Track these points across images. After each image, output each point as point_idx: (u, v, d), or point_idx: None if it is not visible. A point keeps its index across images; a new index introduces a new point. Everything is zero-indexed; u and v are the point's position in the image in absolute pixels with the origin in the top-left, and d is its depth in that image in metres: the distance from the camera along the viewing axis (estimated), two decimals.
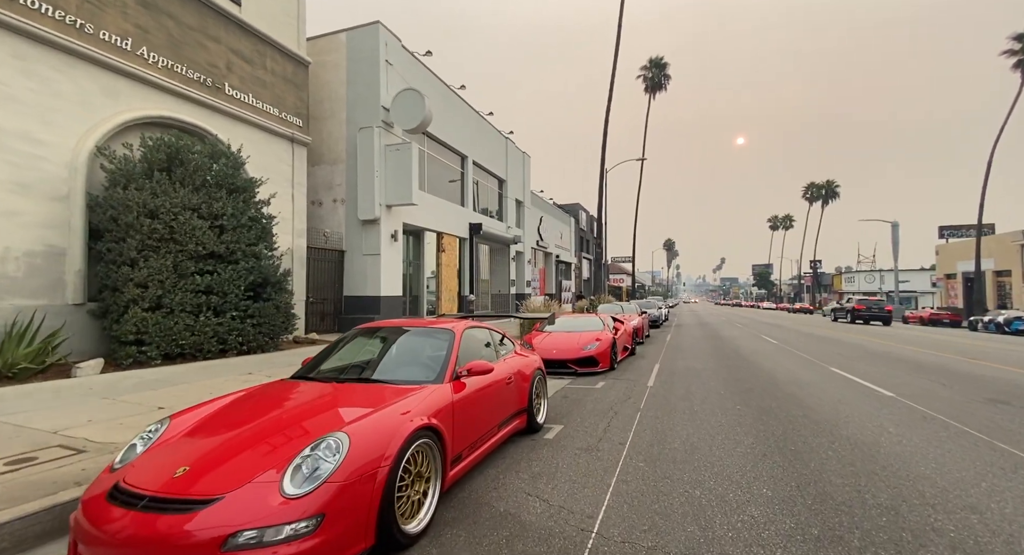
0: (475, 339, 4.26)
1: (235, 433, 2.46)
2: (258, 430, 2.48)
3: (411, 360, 3.67)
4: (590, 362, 8.63)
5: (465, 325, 4.09)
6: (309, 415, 2.64)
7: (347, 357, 3.83)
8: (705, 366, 9.34)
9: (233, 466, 2.17)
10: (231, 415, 2.75)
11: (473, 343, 4.14)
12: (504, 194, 23.70)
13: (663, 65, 44.64)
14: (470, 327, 4.20)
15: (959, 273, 39.40)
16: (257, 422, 2.59)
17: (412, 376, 3.39)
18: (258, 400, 2.99)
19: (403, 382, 3.26)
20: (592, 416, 5.45)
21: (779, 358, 10.51)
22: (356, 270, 13.46)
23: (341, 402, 2.85)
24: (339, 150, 13.68)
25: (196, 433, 2.54)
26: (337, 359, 3.79)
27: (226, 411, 2.82)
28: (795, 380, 7.60)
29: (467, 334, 4.05)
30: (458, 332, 3.86)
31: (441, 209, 16.96)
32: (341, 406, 2.77)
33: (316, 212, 13.90)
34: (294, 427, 2.49)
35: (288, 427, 2.50)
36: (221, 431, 2.53)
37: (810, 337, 16.45)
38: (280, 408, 2.82)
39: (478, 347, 4.24)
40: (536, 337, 9.42)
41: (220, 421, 2.66)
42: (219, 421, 2.67)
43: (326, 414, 2.63)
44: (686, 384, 7.39)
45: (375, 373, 3.51)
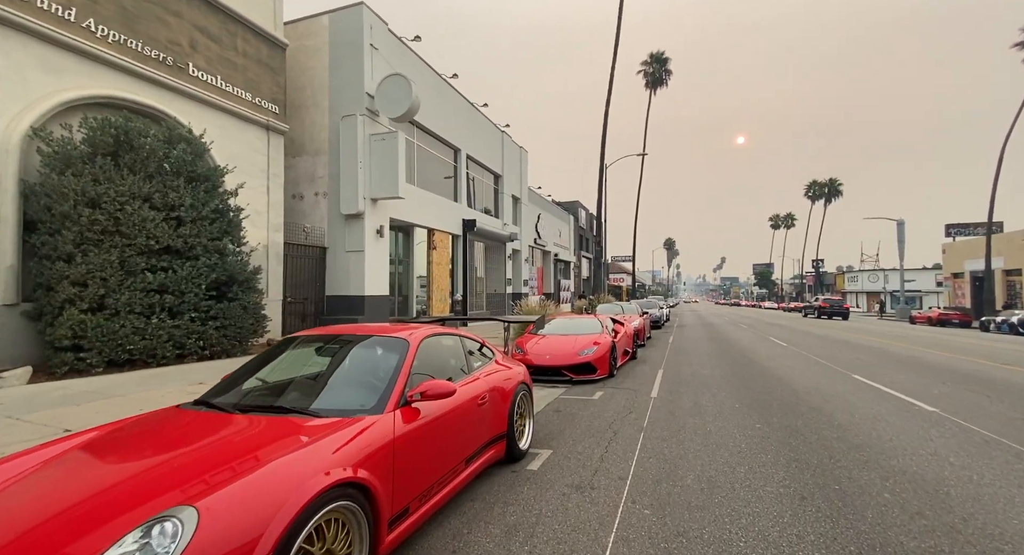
0: (439, 350, 3.44)
1: (37, 506, 1.63)
2: (77, 499, 1.65)
3: (347, 381, 2.84)
4: (587, 369, 7.80)
5: (425, 333, 3.26)
6: (165, 472, 1.81)
7: (271, 375, 3.00)
8: (713, 372, 8.51)
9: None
10: (59, 470, 1.92)
11: (436, 356, 3.32)
12: (500, 190, 22.87)
13: (664, 60, 43.77)
14: (433, 335, 3.37)
15: (967, 272, 38.52)
16: (85, 483, 1.76)
17: (343, 403, 2.56)
18: (111, 443, 2.17)
19: (329, 413, 2.43)
20: (587, 437, 4.62)
21: (793, 363, 9.68)
22: (339, 268, 12.64)
23: (223, 448, 2.02)
24: (321, 140, 12.85)
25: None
26: (257, 378, 2.96)
27: (58, 463, 1.99)
28: (817, 390, 6.77)
29: (428, 345, 3.22)
30: (414, 343, 3.02)
31: (432, 204, 16.13)
32: (218, 456, 1.93)
33: (297, 206, 13.07)
34: (130, 495, 1.66)
35: (121, 495, 1.67)
36: (22, 501, 1.69)
37: (823, 339, 15.62)
38: (132, 459, 2.00)
39: (443, 360, 3.42)
40: (529, 341, 8.60)
41: (34, 483, 1.83)
42: (32, 484, 1.83)
43: (186, 471, 1.79)
44: (694, 395, 6.56)
45: (294, 400, 2.68)
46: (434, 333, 3.40)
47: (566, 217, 37.03)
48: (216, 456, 1.91)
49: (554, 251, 32.17)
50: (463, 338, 3.86)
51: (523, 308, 13.75)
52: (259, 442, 2.06)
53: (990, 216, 31.99)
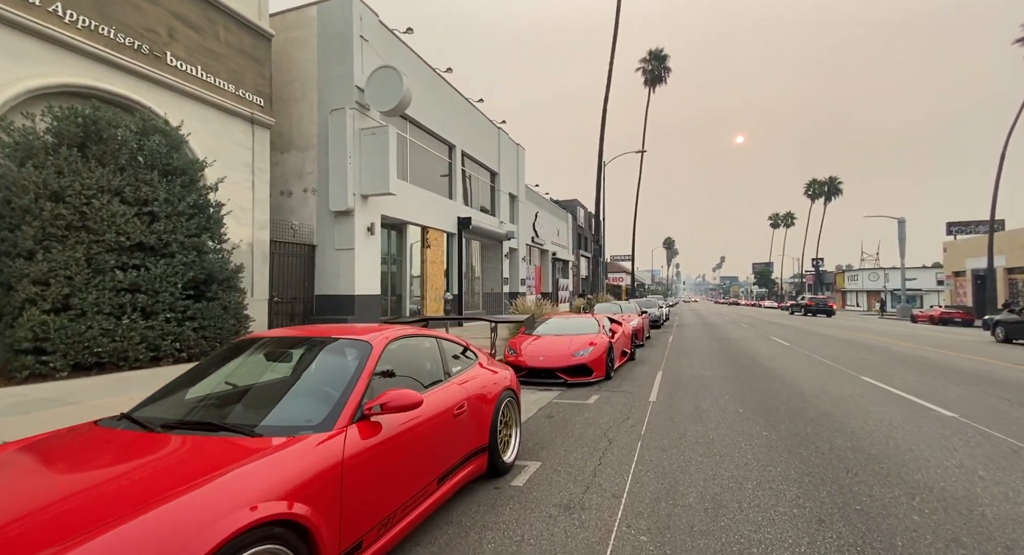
0: (412, 354, 3.07)
1: None
2: None
3: (296, 391, 2.46)
4: (582, 371, 7.44)
5: (393, 335, 2.88)
6: (36, 521, 1.43)
7: (214, 383, 2.62)
8: (714, 374, 8.15)
9: None
10: None
11: (407, 360, 2.95)
12: (496, 187, 22.50)
13: (663, 57, 43.43)
14: (404, 337, 3.00)
15: (968, 270, 38.22)
16: None
17: (287, 419, 2.19)
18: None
19: (269, 431, 2.06)
20: (580, 446, 4.26)
21: (797, 363, 9.32)
22: (328, 267, 12.26)
23: (126, 481, 1.64)
24: (310, 135, 12.47)
25: None
26: (199, 386, 2.58)
27: None
28: (825, 393, 6.41)
29: (397, 348, 2.86)
30: (378, 346, 2.65)
31: (426, 201, 15.75)
32: (117, 492, 1.56)
33: (285, 203, 12.69)
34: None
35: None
36: None
37: (825, 339, 15.27)
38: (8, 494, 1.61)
39: (416, 365, 3.06)
40: (523, 341, 8.24)
41: None
42: None
43: (65, 518, 1.41)
44: (695, 398, 6.19)
45: (231, 415, 2.30)
46: (405, 335, 3.03)
47: (564, 216, 36.66)
48: (114, 493, 1.53)
49: (552, 250, 31.81)
50: (442, 340, 3.49)
51: (518, 308, 13.39)
52: (174, 471, 1.69)
53: (992, 214, 31.69)
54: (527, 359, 7.55)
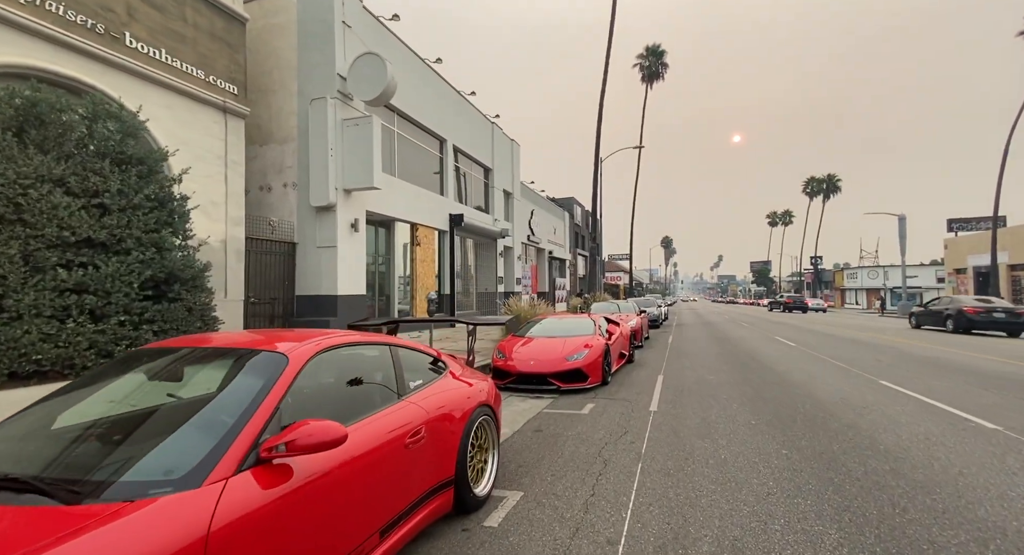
0: (350, 370, 2.45)
1: None
2: None
3: (168, 427, 1.83)
4: (576, 376, 6.82)
5: (322, 345, 2.24)
6: None
7: (72, 412, 1.98)
8: (720, 378, 7.54)
9: None
10: None
11: (343, 378, 2.33)
12: (490, 184, 21.87)
13: (660, 53, 42.93)
14: (340, 346, 2.36)
15: (970, 267, 37.81)
16: None
17: (141, 470, 1.55)
18: None
19: (111, 491, 1.42)
20: (570, 470, 3.64)
21: (808, 366, 8.72)
22: (310, 265, 11.61)
23: None
24: (290, 127, 11.82)
25: None
26: (52, 417, 1.94)
27: None
28: (845, 401, 5.80)
29: (326, 362, 2.22)
30: (296, 361, 2.02)
31: (416, 198, 15.11)
32: None
33: (265, 198, 12.04)
34: None
35: None
36: None
37: (832, 339, 14.68)
38: None
39: (357, 383, 2.42)
40: (512, 344, 7.62)
41: None
42: None
43: None
44: (701, 408, 5.58)
45: (64, 466, 1.65)
46: (343, 343, 2.39)
47: (561, 214, 36.06)
48: None
49: (548, 248, 31.20)
50: (399, 348, 2.86)
51: (510, 308, 12.78)
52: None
53: (996, 209, 31.21)
54: (516, 364, 6.93)
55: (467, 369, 3.64)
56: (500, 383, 6.98)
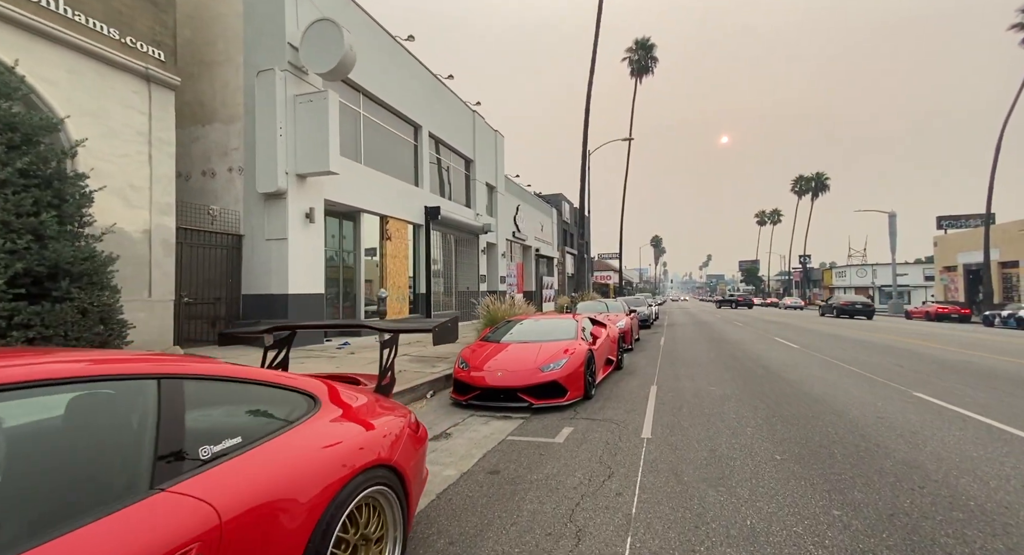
0: (39, 438, 1.17)
1: None
2: None
3: None
4: (553, 390, 5.61)
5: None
6: None
7: None
8: (724, 390, 6.39)
9: None
10: None
11: (42, 453, 1.06)
12: (472, 176, 20.61)
13: (649, 47, 42.03)
14: (34, 385, 1.10)
15: (960, 265, 37.49)
16: None
17: None
18: None
19: None
20: (525, 546, 2.41)
21: (823, 373, 7.62)
22: (258, 261, 10.25)
23: None
24: (235, 104, 10.45)
25: None
26: None
27: None
28: (884, 421, 4.67)
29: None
30: None
31: (386, 187, 13.80)
32: None
33: (208, 185, 10.66)
34: None
35: None
36: None
37: (837, 339, 13.69)
38: None
39: (78, 457, 1.16)
40: (480, 352, 6.39)
41: None
42: None
43: None
44: (707, 434, 4.40)
45: None
46: (23, 382, 1.13)
47: (548, 210, 34.91)
48: None
49: (535, 246, 30.03)
50: (197, 381, 1.59)
51: (486, 308, 11.54)
52: None
53: (988, 204, 30.76)
54: (480, 375, 5.70)
55: (378, 400, 2.41)
56: (462, 399, 5.76)
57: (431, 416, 5.34)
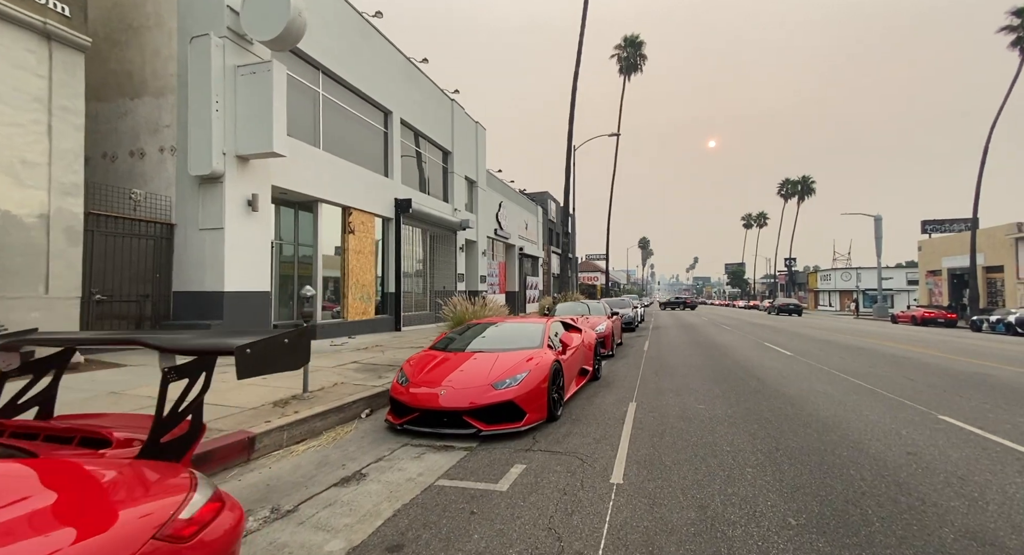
0: None
1: None
2: None
3: None
4: (507, 413, 4.55)
5: None
6: None
7: None
8: (715, 410, 5.40)
9: None
10: None
11: None
12: (450, 169, 19.48)
13: (638, 44, 41.33)
14: None
15: (944, 269, 37.42)
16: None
17: None
18: None
19: None
20: None
21: (824, 386, 6.70)
22: (191, 253, 9.02)
23: None
24: (167, 75, 9.20)
25: None
26: None
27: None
28: (925, 465, 3.70)
29: None
30: None
31: (350, 176, 12.62)
32: None
33: (136, 166, 9.38)
34: None
35: None
36: None
37: (828, 345, 12.88)
38: None
39: None
40: (425, 363, 5.32)
41: None
42: None
43: None
44: (695, 477, 3.39)
45: None
46: None
47: (533, 208, 33.89)
48: None
49: (519, 245, 28.97)
50: None
51: (452, 309, 10.46)
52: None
53: (975, 209, 30.57)
54: (420, 394, 4.62)
55: (137, 474, 1.32)
56: (397, 422, 4.67)
57: (353, 446, 4.25)
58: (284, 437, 4.30)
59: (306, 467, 3.75)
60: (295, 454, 4.07)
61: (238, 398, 5.24)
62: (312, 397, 5.34)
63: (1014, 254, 30.71)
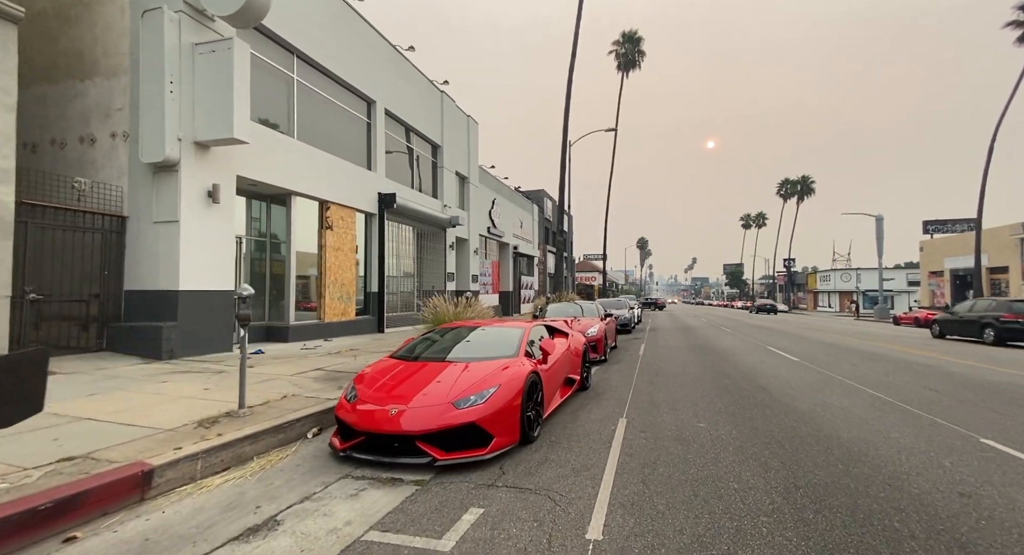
0: None
1: None
2: None
3: None
4: (469, 437, 3.80)
5: None
6: None
7: None
8: (719, 431, 4.66)
9: None
10: None
11: None
12: (439, 164, 18.71)
13: (637, 40, 40.61)
14: None
15: (947, 270, 36.78)
16: None
17: None
18: None
19: None
20: None
21: (846, 403, 5.96)
22: (144, 248, 8.25)
23: None
24: (120, 53, 8.43)
25: None
26: None
27: None
28: (987, 513, 2.97)
29: None
30: None
31: (328, 168, 11.86)
32: None
33: (87, 154, 8.61)
34: None
35: None
36: None
37: (834, 348, 12.17)
38: None
39: None
40: (382, 375, 4.57)
41: None
42: None
43: None
44: (697, 536, 2.65)
45: None
46: None
47: (529, 207, 33.15)
48: None
49: (513, 243, 28.23)
50: None
51: (433, 309, 9.71)
52: None
53: (980, 209, 29.90)
54: (370, 412, 3.87)
55: None
56: (341, 448, 3.92)
57: (280, 479, 3.50)
58: (198, 468, 3.55)
59: (209, 511, 2.99)
60: (205, 490, 3.31)
61: (160, 416, 4.48)
62: (249, 414, 4.58)
63: (1019, 254, 30.08)
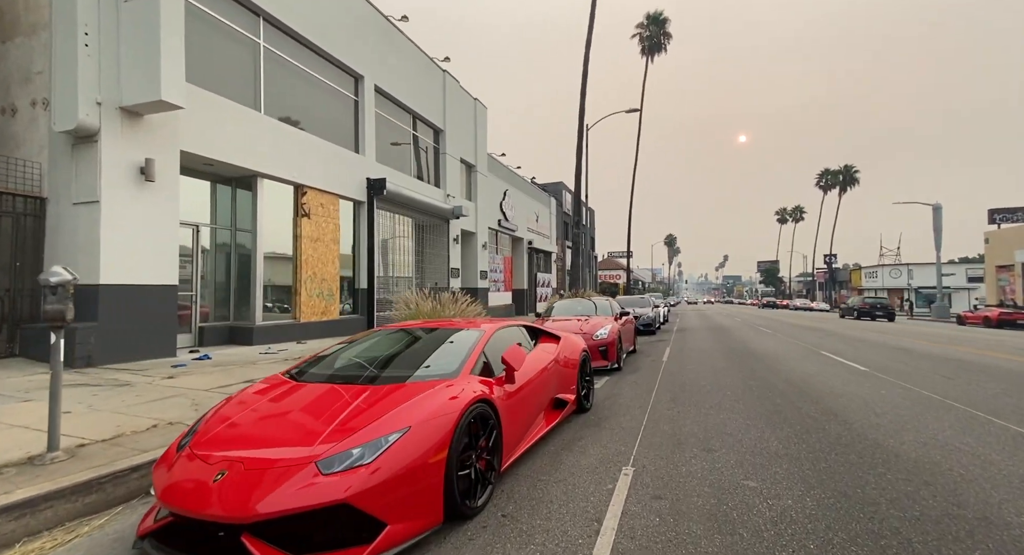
0: None
1: None
2: None
3: None
4: (344, 524, 2.13)
5: None
6: None
7: None
8: (781, 496, 2.87)
9: None
10: None
11: None
12: (442, 150, 17.20)
13: (662, 21, 38.21)
14: None
15: (1017, 263, 32.79)
16: None
17: None
18: None
19: None
20: None
21: (980, 447, 4.04)
22: (64, 235, 7.01)
23: None
24: (41, 7, 7.22)
25: None
26: None
27: None
28: None
29: None
30: None
31: (305, 148, 10.50)
32: None
33: (7, 126, 7.46)
34: None
35: None
36: None
37: (909, 355, 9.94)
38: None
39: None
40: (250, 403, 3.00)
41: None
42: None
43: None
44: None
45: None
46: None
47: (546, 200, 31.34)
48: None
49: (528, 238, 26.52)
50: None
51: (402, 308, 8.14)
52: None
53: None
54: (177, 481, 2.28)
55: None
56: (139, 532, 2.34)
57: None
58: None
59: None
60: None
61: None
62: (62, 459, 3.09)
63: None
